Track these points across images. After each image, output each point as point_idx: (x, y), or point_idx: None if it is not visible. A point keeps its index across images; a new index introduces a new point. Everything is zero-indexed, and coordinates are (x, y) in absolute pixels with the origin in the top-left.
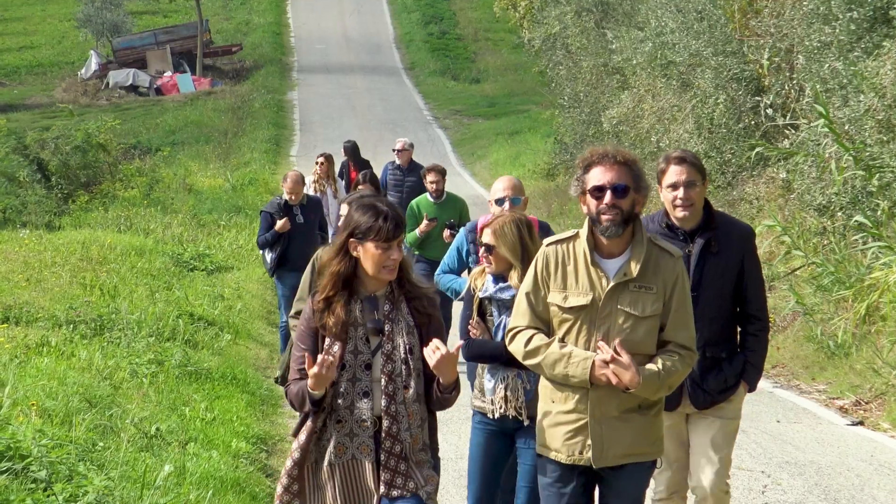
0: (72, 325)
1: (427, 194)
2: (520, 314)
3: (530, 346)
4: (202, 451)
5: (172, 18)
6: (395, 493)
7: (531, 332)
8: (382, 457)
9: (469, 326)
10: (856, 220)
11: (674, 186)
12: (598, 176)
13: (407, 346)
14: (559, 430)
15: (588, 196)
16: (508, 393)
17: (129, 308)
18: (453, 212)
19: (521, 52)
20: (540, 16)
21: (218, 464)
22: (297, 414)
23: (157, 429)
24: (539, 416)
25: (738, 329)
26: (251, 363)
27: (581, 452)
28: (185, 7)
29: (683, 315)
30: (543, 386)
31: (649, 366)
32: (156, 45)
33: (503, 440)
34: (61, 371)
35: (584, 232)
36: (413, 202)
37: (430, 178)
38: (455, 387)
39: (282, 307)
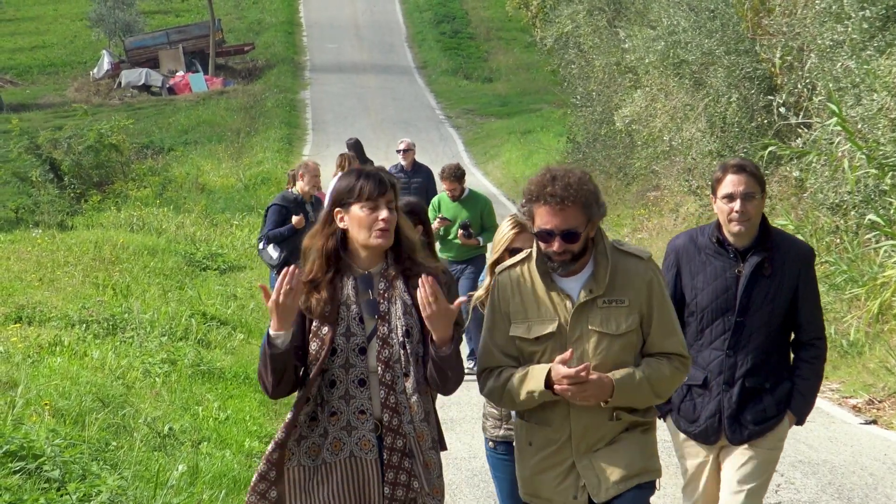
0: (84, 325)
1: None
2: (485, 355)
3: (500, 381)
4: (215, 450)
5: (185, 18)
6: (399, 492)
7: (500, 369)
8: (385, 454)
9: None
10: (869, 219)
11: (730, 198)
12: (546, 218)
13: (405, 328)
14: (546, 476)
15: (536, 235)
16: None
17: (141, 307)
18: (474, 211)
19: (534, 51)
20: (552, 14)
21: (231, 463)
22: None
23: (170, 428)
24: (517, 462)
25: (791, 357)
26: None
27: (575, 496)
28: (197, 6)
29: (667, 321)
30: (519, 428)
31: (623, 369)
32: (168, 45)
33: None
34: (74, 371)
35: (535, 252)
36: (435, 198)
37: (444, 185)
38: (454, 341)
39: None
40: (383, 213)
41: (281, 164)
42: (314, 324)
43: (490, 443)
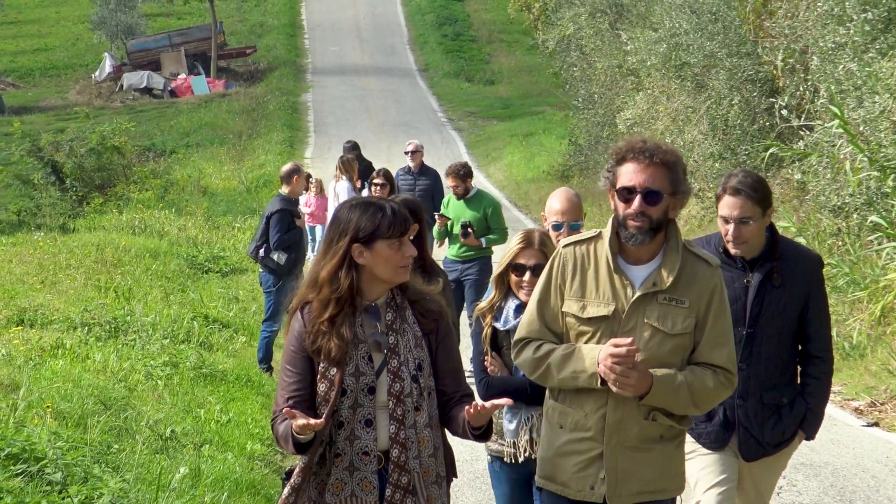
0: (86, 328)
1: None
2: (528, 324)
3: (540, 353)
4: (217, 453)
5: (187, 20)
6: None
7: (540, 341)
8: (388, 491)
9: (485, 363)
10: (871, 221)
11: (725, 220)
12: (630, 175)
13: (416, 362)
14: (568, 460)
15: (616, 195)
16: (534, 434)
17: (143, 310)
18: (478, 211)
19: (536, 53)
20: (554, 17)
21: (233, 466)
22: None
23: (172, 431)
24: (542, 442)
25: (800, 371)
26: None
27: (593, 487)
28: (199, 9)
29: (721, 332)
30: (550, 409)
31: (666, 369)
32: (170, 47)
33: (527, 482)
34: (76, 373)
35: (607, 233)
36: (446, 197)
37: (448, 182)
38: (489, 427)
39: (279, 314)
40: (410, 251)
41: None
42: (321, 365)
43: (489, 456)
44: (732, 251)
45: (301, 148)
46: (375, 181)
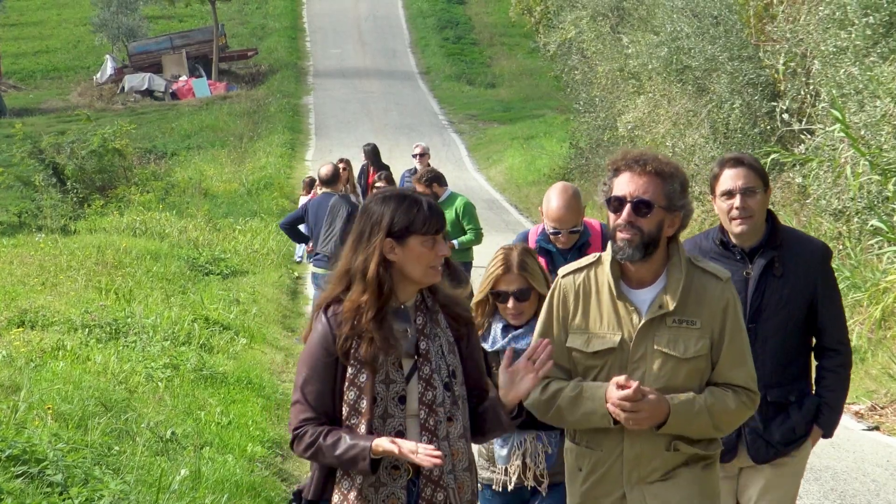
0: (87, 330)
1: None
2: None
3: (547, 394)
4: (217, 455)
5: (188, 23)
6: None
7: (546, 380)
8: None
9: None
10: (872, 225)
11: (729, 194)
12: (622, 185)
13: (449, 369)
14: None
15: (607, 206)
16: (528, 460)
17: (144, 312)
18: (449, 214)
19: (537, 56)
20: (555, 20)
21: (233, 468)
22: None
23: (173, 433)
24: (568, 488)
25: (815, 365)
26: (266, 367)
27: None
28: (200, 11)
29: (739, 350)
30: (568, 450)
31: (684, 394)
32: (171, 50)
33: None
34: (77, 375)
35: (607, 257)
36: None
37: (417, 189)
38: (521, 406)
39: None
40: (443, 249)
41: (284, 170)
42: (350, 370)
43: (479, 484)
44: (737, 229)
45: (302, 150)
46: (378, 185)
